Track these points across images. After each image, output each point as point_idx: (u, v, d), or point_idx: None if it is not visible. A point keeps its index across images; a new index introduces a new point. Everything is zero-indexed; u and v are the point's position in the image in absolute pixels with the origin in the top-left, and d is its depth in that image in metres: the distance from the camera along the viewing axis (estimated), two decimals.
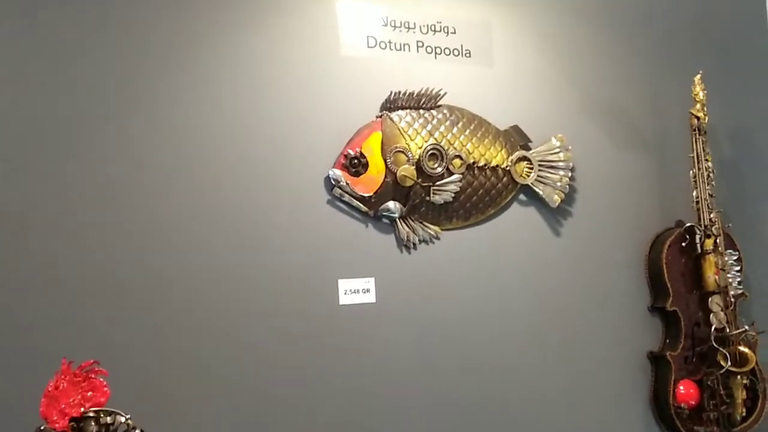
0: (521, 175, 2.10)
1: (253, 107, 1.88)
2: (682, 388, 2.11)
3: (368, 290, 1.94)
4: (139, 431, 1.38)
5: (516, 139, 2.11)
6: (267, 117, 1.89)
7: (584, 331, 2.14)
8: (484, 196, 2.06)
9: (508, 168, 2.09)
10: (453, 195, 2.02)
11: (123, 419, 1.37)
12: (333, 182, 1.91)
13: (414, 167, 1.98)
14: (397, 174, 1.96)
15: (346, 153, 1.92)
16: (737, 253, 2.20)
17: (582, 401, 2.12)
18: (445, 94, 2.04)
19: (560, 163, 2.13)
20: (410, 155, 1.98)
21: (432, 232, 2.01)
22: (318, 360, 1.87)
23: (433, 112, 2.03)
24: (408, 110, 2.01)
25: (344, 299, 1.91)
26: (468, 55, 2.11)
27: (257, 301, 1.84)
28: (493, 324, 2.05)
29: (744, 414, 2.15)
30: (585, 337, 2.14)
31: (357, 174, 1.93)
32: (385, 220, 1.98)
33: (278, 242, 1.87)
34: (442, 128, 2.03)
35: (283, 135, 1.90)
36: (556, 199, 2.12)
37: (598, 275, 2.18)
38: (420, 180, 1.99)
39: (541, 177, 2.12)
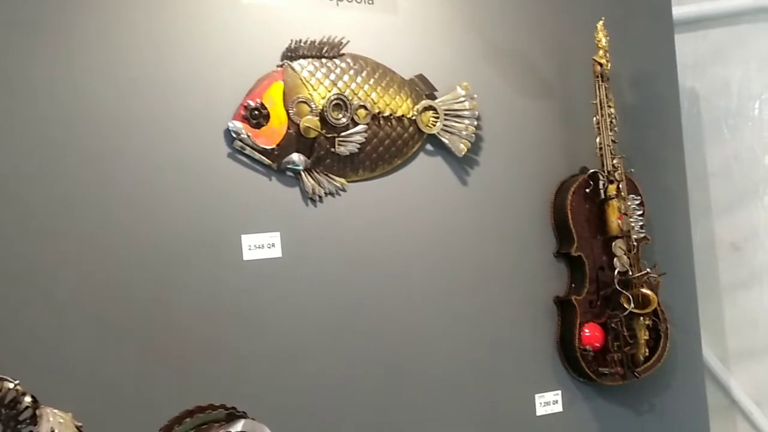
0: (427, 125, 2.08)
1: (146, 62, 1.80)
2: (587, 331, 2.16)
3: (273, 245, 1.90)
4: (29, 397, 1.32)
5: (421, 88, 2.08)
6: (161, 71, 1.81)
7: (492, 278, 2.16)
8: (390, 146, 2.04)
9: (413, 118, 2.06)
10: (359, 146, 1.98)
11: (11, 386, 1.31)
12: (233, 135, 1.85)
13: (318, 118, 1.94)
14: (301, 125, 1.92)
15: (245, 104, 1.86)
16: (639, 197, 2.24)
17: (490, 347, 2.14)
18: (348, 42, 1.99)
19: (466, 112, 2.12)
20: (313, 106, 1.93)
21: (338, 185, 1.98)
22: (222, 317, 1.83)
23: (336, 61, 1.99)
24: (310, 59, 1.96)
25: (248, 255, 1.87)
26: (371, 1, 2.06)
27: (157, 259, 1.78)
28: (400, 274, 2.04)
29: (647, 354, 2.22)
30: (493, 284, 2.16)
31: (258, 126, 1.87)
32: (289, 173, 1.93)
33: (177, 200, 1.81)
34: (346, 78, 1.98)
35: (178, 89, 1.83)
36: (462, 148, 2.11)
37: (505, 223, 2.19)
38: (324, 131, 1.95)
39: (447, 126, 2.10)
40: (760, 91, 2.85)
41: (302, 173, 1.93)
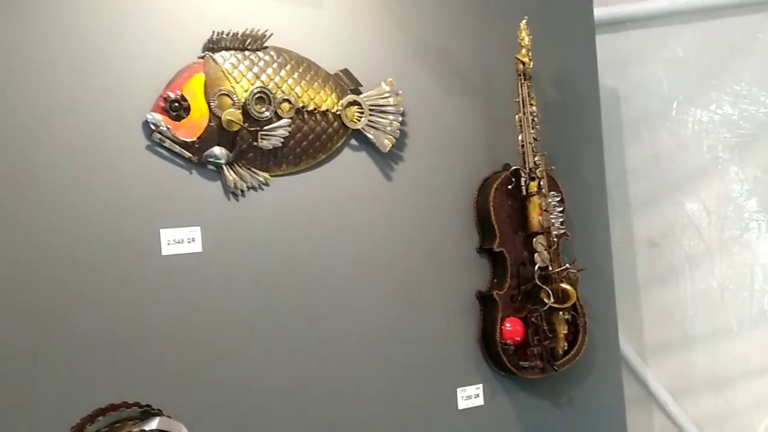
0: (352, 120, 2.08)
1: (62, 51, 1.75)
2: (508, 325, 2.19)
3: (193, 239, 1.87)
4: None
5: (346, 82, 2.08)
6: (78, 61, 1.77)
7: (414, 273, 2.17)
8: (315, 141, 2.03)
9: (338, 112, 2.06)
10: (282, 140, 1.97)
11: None
12: (152, 127, 1.82)
13: (240, 111, 1.91)
14: (222, 118, 1.89)
15: (165, 96, 1.83)
16: (560, 194, 2.28)
17: (413, 342, 2.16)
18: (272, 35, 1.97)
19: (390, 108, 2.12)
20: (236, 98, 1.91)
21: (261, 179, 1.96)
22: (140, 312, 1.80)
23: (260, 53, 1.96)
24: (232, 51, 1.93)
25: (167, 249, 1.84)
26: None
27: (74, 253, 1.74)
28: (324, 270, 2.04)
29: (566, 348, 2.26)
30: (415, 280, 2.17)
31: (178, 118, 1.84)
32: (210, 167, 1.91)
33: (95, 193, 1.77)
34: (269, 71, 1.97)
35: (95, 80, 1.79)
36: (387, 143, 2.12)
37: (428, 219, 2.20)
38: (247, 124, 1.92)
39: (372, 122, 2.10)
40: (677, 92, 2.94)
41: (224, 167, 1.91)
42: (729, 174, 2.95)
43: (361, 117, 2.08)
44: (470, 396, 2.21)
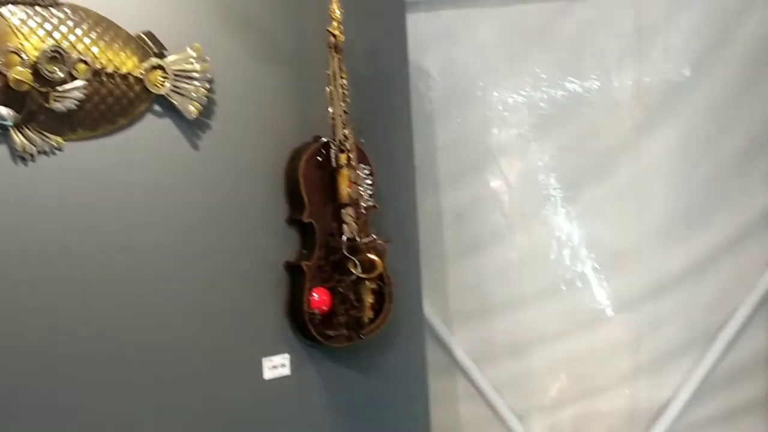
0: (155, 85, 2.01)
1: None
2: (315, 295, 2.21)
3: None
4: None
5: (149, 46, 2.00)
6: None
7: (222, 243, 2.14)
8: (114, 104, 1.94)
9: (140, 76, 1.98)
10: (77, 103, 1.87)
11: None
12: None
13: (30, 70, 1.80)
14: (9, 77, 1.77)
15: None
16: (369, 167, 2.33)
17: (220, 313, 2.14)
18: None
19: (196, 74, 2.07)
20: (25, 57, 1.79)
21: (53, 143, 1.85)
22: None
23: (53, 10, 1.85)
24: (21, 6, 1.80)
25: None
26: None
27: None
28: (121, 239, 1.97)
29: (372, 317, 2.32)
30: (222, 250, 2.14)
31: None
32: None
33: None
34: (64, 29, 1.86)
35: None
36: (192, 110, 2.06)
37: (236, 189, 2.18)
38: (38, 85, 1.81)
39: (177, 87, 2.04)
40: (484, 73, 3.07)
41: (11, 129, 1.79)
42: (530, 152, 3.12)
43: (165, 82, 2.01)
44: (276, 366, 2.22)
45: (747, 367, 3.14)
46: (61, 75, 1.83)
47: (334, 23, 2.22)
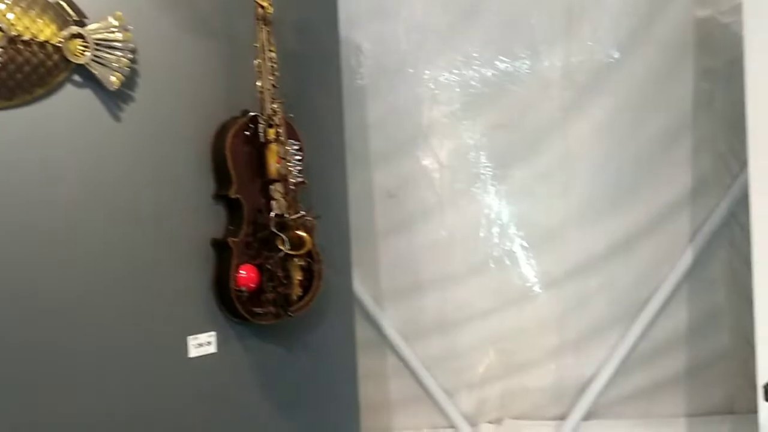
0: (75, 54, 1.93)
1: None
2: (242, 272, 2.17)
3: None
4: None
5: (69, 13, 1.93)
6: None
7: (146, 219, 2.09)
8: (31, 74, 1.86)
9: (59, 45, 1.90)
10: None
11: None
12: None
13: None
14: None
15: None
16: (299, 143, 2.29)
17: (143, 290, 2.09)
18: None
19: (118, 44, 2.00)
20: None
21: None
22: None
23: None
24: None
25: None
26: None
27: None
28: (40, 216, 1.90)
29: (301, 294, 2.29)
30: (147, 227, 2.09)
31: None
32: None
33: None
34: None
35: None
36: (114, 81, 2.00)
37: (161, 163, 2.12)
38: None
39: (98, 57, 1.97)
40: (416, 50, 3.06)
41: None
42: (461, 131, 3.14)
43: (85, 51, 1.94)
44: (202, 344, 2.19)
45: (668, 343, 3.24)
46: None
47: None
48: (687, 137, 3.11)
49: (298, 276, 2.27)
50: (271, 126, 2.21)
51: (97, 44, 1.96)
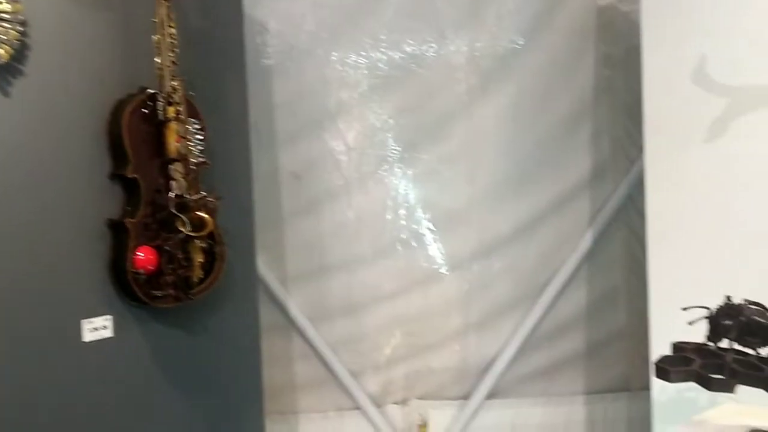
0: None
1: None
2: (140, 254, 2.11)
3: None
4: None
5: None
6: None
7: (38, 199, 2.00)
8: None
9: None
10: None
11: None
12: None
13: None
14: None
15: None
16: (200, 122, 2.24)
17: (36, 273, 2.01)
18: None
19: (6, 15, 1.90)
20: None
21: None
22: None
23: None
24: None
25: None
26: None
27: None
28: None
29: (202, 276, 2.25)
30: (39, 206, 2.01)
31: None
32: None
33: None
34: None
35: None
36: (2, 54, 1.90)
37: (54, 141, 2.04)
38: None
39: None
40: (324, 30, 3.03)
41: None
42: (368, 113, 3.13)
43: None
44: (97, 328, 2.12)
45: (568, 323, 3.33)
46: None
47: None
48: (588, 123, 3.20)
49: (199, 258, 2.22)
50: (170, 104, 2.15)
51: None
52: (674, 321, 1.73)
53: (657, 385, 2.54)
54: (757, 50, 2.49)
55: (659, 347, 2.51)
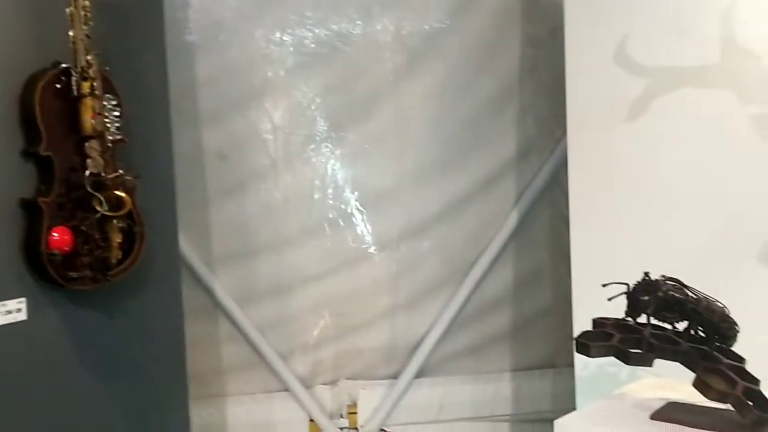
0: None
1: None
2: (55, 234, 2.04)
3: None
4: None
5: None
6: None
7: None
8: None
9: None
10: None
11: None
12: None
13: None
14: None
15: None
16: (117, 98, 2.17)
17: None
18: None
19: None
20: None
21: None
22: None
23: None
24: None
25: None
26: None
27: None
28: None
29: (120, 257, 2.19)
30: None
31: None
32: None
33: None
34: None
35: None
36: None
37: None
38: None
39: None
40: (248, 6, 2.98)
41: None
42: (295, 92, 3.09)
43: None
44: (11, 311, 2.04)
45: (495, 302, 3.37)
46: None
47: None
48: (514, 103, 3.23)
49: (117, 238, 2.16)
50: (85, 79, 2.08)
51: None
52: (595, 298, 1.75)
53: (580, 361, 2.59)
54: (677, 31, 2.54)
55: (581, 324, 2.55)
